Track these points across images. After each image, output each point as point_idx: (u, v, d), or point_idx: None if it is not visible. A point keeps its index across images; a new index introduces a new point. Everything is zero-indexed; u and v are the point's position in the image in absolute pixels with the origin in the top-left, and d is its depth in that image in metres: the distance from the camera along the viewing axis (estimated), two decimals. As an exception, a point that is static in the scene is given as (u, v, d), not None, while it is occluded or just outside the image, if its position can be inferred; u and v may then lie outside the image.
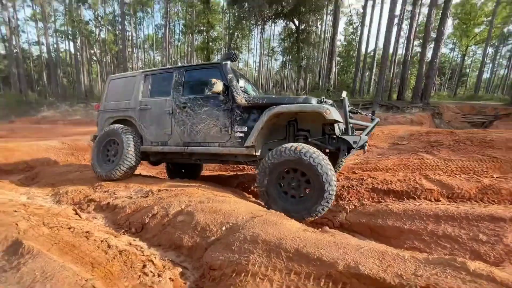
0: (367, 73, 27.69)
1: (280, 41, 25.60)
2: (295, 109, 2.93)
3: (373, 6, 25.59)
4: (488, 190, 3.13)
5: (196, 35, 26.85)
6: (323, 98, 3.12)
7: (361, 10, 25.41)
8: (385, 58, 18.50)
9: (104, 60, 35.92)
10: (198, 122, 3.48)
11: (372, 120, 3.34)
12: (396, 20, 21.31)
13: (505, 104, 15.69)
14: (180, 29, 36.65)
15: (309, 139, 3.20)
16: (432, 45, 15.26)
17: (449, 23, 27.87)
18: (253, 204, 2.66)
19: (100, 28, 31.96)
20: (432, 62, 15.13)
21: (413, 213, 2.60)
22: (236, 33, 23.85)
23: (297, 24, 18.44)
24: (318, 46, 30.70)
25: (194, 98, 3.54)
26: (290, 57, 24.14)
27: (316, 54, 32.60)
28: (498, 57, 37.56)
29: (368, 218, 2.73)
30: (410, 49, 17.90)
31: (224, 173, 5.72)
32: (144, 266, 1.94)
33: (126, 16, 28.79)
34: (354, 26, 31.73)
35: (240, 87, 3.37)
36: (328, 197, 2.61)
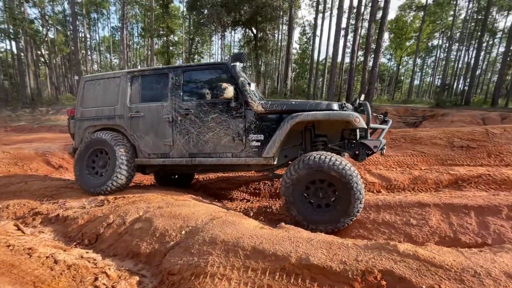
0: (320, 79, 29.85)
1: (240, 47, 26.17)
2: (322, 117, 2.72)
3: (322, 19, 27.59)
4: (417, 181, 3.63)
5: (156, 39, 26.07)
6: (344, 103, 2.96)
7: (313, 22, 27.15)
8: (334, 66, 20.38)
9: (54, 62, 32.87)
10: (205, 130, 3.11)
11: (386, 121, 3.24)
12: (343, 32, 23.39)
13: (431, 107, 18.24)
14: (139, 32, 35.24)
15: (329, 145, 3.02)
16: (373, 55, 16.89)
17: (386, 36, 31.47)
18: (213, 206, 2.70)
19: (48, 27, 29.27)
20: (372, 70, 16.77)
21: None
22: (196, 39, 23.72)
23: (255, 32, 19.05)
24: (276, 53, 32.04)
25: (198, 104, 3.15)
26: (249, 63, 24.84)
27: (274, 61, 34.12)
28: (425, 66, 43.83)
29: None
30: (355, 58, 19.64)
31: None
32: (96, 279, 1.86)
33: (79, 17, 26.81)
34: (308, 36, 33.73)
35: (252, 92, 3.09)
36: (359, 207, 2.48)
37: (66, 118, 4.29)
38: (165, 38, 23.80)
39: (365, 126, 2.71)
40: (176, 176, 4.73)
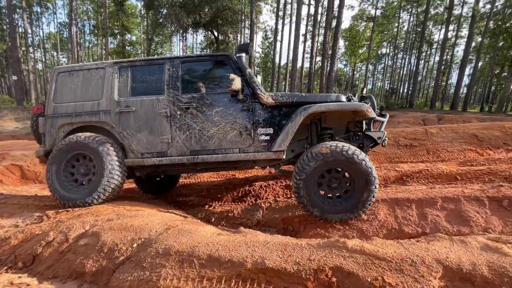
0: (283, 83, 30.90)
1: (201, 50, 25.80)
2: (335, 108, 2.73)
3: (283, 24, 28.68)
4: None
5: (110, 37, 24.41)
6: (350, 95, 3.01)
7: (274, 27, 28.06)
8: (294, 70, 21.28)
9: (-14, 59, 28.79)
10: (209, 125, 2.93)
11: (383, 115, 3.29)
12: (302, 38, 24.55)
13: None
14: (91, 29, 32.67)
15: (336, 138, 3.03)
16: (330, 61, 18.02)
17: (342, 44, 33.88)
18: (169, 215, 2.58)
19: (-23, 20, 25.60)
20: (329, 75, 17.89)
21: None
22: (156, 39, 22.79)
23: (216, 35, 18.96)
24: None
25: (200, 97, 2.95)
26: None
27: None
28: (376, 72, 48.51)
29: (281, 213, 3.00)
30: (314, 63, 20.74)
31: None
32: (30, 305, 1.64)
33: (18, 10, 23.89)
34: (269, 41, 34.75)
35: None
36: (374, 192, 2.54)
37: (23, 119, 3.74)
38: (120, 37, 22.39)
39: (376, 117, 2.81)
40: (162, 177, 4.36)
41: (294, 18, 24.22)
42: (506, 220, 2.53)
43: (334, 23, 17.03)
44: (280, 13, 27.52)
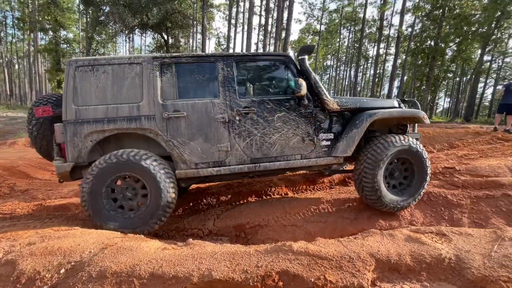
0: None
1: (150, 53, 24.45)
2: (397, 115, 2.91)
3: (235, 32, 29.24)
4: (316, 181, 4.15)
5: (40, 32, 21.52)
6: (399, 100, 3.20)
7: (227, 34, 28.39)
8: None
9: None
10: (271, 131, 2.76)
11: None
12: (254, 46, 25.30)
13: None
14: (14, 22, 28.34)
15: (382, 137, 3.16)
16: None
17: (292, 54, 36.01)
18: (107, 232, 2.33)
19: None
20: None
21: (268, 209, 3.05)
22: (97, 38, 20.86)
23: (166, 38, 18.25)
24: (191, 62, 31.68)
25: (261, 101, 2.75)
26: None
27: None
28: (322, 82, 52.83)
29: (233, 220, 2.98)
30: None
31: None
32: None
33: None
34: (223, 48, 34.94)
35: None
36: (429, 177, 2.88)
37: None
38: (53, 33, 19.90)
39: (429, 122, 3.05)
40: None
41: (246, 27, 24.84)
42: (426, 213, 2.93)
43: (283, 34, 17.94)
44: (233, 21, 27.94)
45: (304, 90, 2.65)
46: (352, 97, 3.29)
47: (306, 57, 2.93)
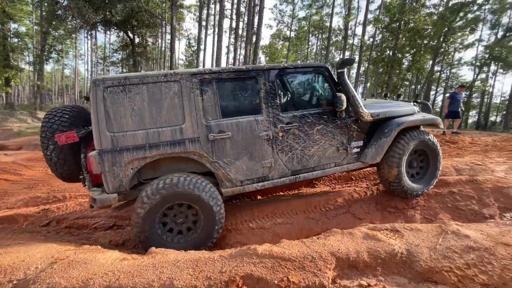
0: None
1: (114, 51, 22.97)
2: (420, 122, 3.16)
3: (206, 34, 28.94)
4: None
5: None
6: (414, 103, 3.39)
7: (198, 36, 28.05)
8: None
9: None
10: (310, 144, 2.82)
11: None
12: (225, 50, 25.33)
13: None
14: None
15: None
16: None
17: (262, 58, 36.64)
18: (57, 245, 2.13)
19: None
20: None
21: (235, 212, 3.03)
22: (54, 33, 19.27)
23: (132, 37, 17.46)
24: (160, 62, 30.65)
25: (301, 116, 2.75)
26: (126, 69, 22.39)
27: (158, 70, 32.56)
28: None
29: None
30: None
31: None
32: None
33: None
34: (193, 49, 34.34)
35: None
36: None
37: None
38: (0, 26, 17.97)
39: (443, 127, 3.46)
40: None
41: (217, 30, 24.71)
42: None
43: (254, 39, 18.15)
44: (204, 23, 27.59)
45: (345, 105, 2.73)
46: (379, 103, 3.38)
47: (345, 70, 2.95)
